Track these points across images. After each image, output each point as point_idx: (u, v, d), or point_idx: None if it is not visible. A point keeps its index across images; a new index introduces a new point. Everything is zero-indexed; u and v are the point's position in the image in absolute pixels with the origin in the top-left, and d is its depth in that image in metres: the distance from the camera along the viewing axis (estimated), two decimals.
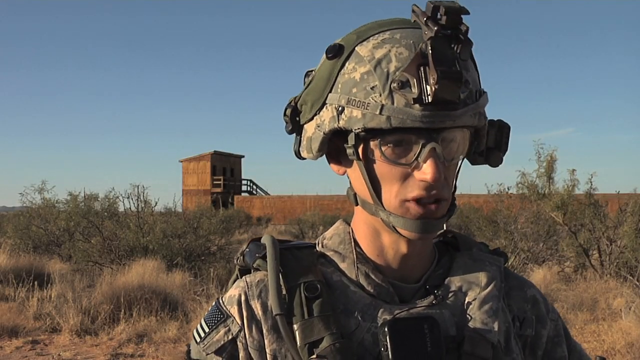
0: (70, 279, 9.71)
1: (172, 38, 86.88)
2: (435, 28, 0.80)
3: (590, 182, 11.49)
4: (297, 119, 0.95)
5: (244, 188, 50.69)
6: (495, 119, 0.94)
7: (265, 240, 0.99)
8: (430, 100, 0.81)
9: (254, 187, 50.76)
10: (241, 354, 0.92)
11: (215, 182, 47.08)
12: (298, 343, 0.88)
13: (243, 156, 52.62)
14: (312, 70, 0.97)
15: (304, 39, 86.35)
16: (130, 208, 13.51)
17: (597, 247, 11.18)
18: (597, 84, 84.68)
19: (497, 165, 0.95)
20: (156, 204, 13.74)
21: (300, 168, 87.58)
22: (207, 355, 0.94)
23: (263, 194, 49.30)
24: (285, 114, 0.96)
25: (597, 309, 8.35)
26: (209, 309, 0.99)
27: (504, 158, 0.95)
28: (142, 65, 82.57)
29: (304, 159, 0.97)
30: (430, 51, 0.80)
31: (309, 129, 0.94)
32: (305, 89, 0.94)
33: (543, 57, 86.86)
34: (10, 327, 7.72)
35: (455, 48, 0.82)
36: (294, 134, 0.98)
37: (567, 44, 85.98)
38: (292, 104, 0.96)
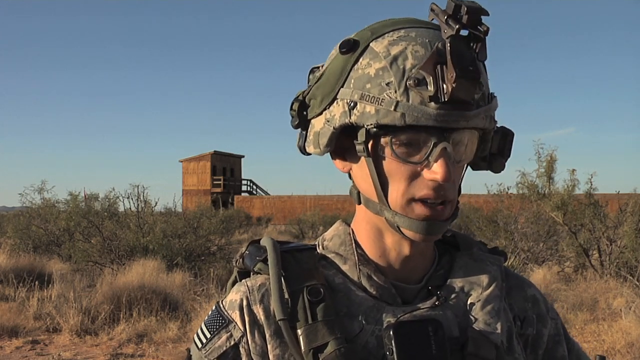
0: (70, 279, 9.70)
1: (172, 38, 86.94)
2: (457, 26, 0.79)
3: (590, 182, 11.49)
4: (305, 113, 0.94)
5: (244, 188, 50.67)
6: (499, 126, 0.93)
7: (266, 242, 0.97)
8: (446, 99, 0.80)
9: (254, 187, 50.74)
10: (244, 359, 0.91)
11: (215, 182, 47.05)
12: (302, 348, 0.87)
13: (243, 156, 52.63)
14: (317, 67, 0.96)
15: (304, 39, 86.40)
16: (130, 208, 13.52)
17: (597, 247, 11.17)
18: (598, 83, 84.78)
19: (499, 171, 0.95)
20: (156, 204, 13.76)
21: (300, 168, 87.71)
22: None
23: (263, 194, 49.28)
24: (292, 108, 0.95)
25: (597, 309, 8.35)
26: (209, 312, 0.97)
27: (506, 164, 0.95)
28: (142, 65, 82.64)
29: (309, 154, 0.97)
30: (449, 49, 0.79)
31: (317, 124, 0.92)
32: (315, 83, 0.93)
33: (544, 57, 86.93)
34: (10, 327, 7.72)
35: (474, 48, 0.82)
36: (299, 130, 0.97)
37: (567, 43, 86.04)
38: (300, 97, 0.95)
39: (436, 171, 0.84)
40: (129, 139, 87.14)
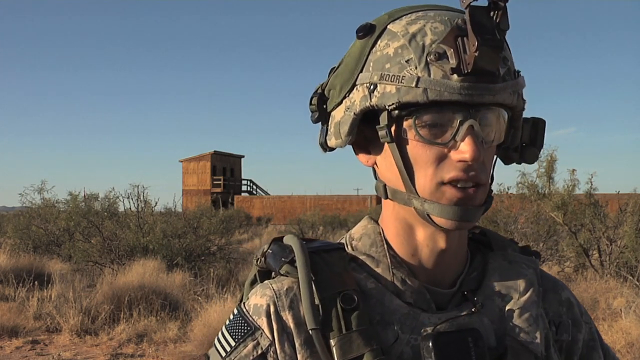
0: (71, 279, 9.70)
1: (172, 38, 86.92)
2: None
3: (591, 182, 11.48)
4: (324, 106, 0.91)
5: (244, 188, 50.67)
6: (529, 117, 0.90)
7: (292, 242, 0.90)
8: (469, 70, 0.77)
9: (254, 187, 50.75)
10: None
11: (215, 182, 47.05)
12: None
13: (243, 156, 52.64)
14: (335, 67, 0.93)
15: (304, 39, 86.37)
16: (130, 208, 13.51)
17: (597, 247, 11.16)
18: (598, 83, 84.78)
19: (533, 162, 0.91)
20: (156, 204, 13.74)
21: (300, 168, 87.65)
22: None
23: (263, 194, 49.28)
24: (311, 103, 0.92)
25: (597, 309, 8.35)
26: (230, 317, 0.91)
27: (539, 155, 0.91)
28: (142, 65, 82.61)
29: (332, 149, 0.92)
30: (469, 18, 0.76)
31: (337, 114, 0.89)
32: (334, 72, 0.90)
33: (544, 57, 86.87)
34: (10, 327, 7.72)
35: (494, 17, 0.77)
36: (320, 125, 0.93)
37: (567, 43, 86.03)
38: (319, 91, 0.92)
39: (464, 150, 0.79)
40: (129, 139, 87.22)
